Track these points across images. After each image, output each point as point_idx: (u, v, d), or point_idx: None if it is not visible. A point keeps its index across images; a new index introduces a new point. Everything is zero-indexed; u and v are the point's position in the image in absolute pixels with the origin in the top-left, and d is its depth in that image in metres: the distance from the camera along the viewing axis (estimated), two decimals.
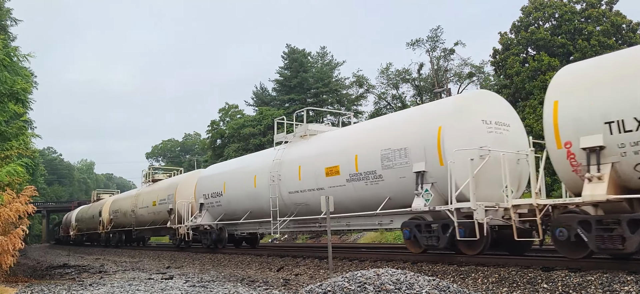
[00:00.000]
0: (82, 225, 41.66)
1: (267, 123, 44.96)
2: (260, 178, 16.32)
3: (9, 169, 10.89)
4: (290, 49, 51.76)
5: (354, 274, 6.21)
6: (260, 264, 14.07)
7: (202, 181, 20.71)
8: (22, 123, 13.92)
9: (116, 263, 18.30)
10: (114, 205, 33.11)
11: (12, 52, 12.54)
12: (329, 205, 10.84)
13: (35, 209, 11.53)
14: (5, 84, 11.46)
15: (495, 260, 9.71)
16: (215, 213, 19.47)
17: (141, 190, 29.98)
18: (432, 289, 5.80)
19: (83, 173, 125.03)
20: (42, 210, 65.60)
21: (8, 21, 23.89)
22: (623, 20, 31.18)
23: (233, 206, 18.11)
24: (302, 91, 49.34)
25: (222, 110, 55.22)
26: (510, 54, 33.21)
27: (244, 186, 17.27)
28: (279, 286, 9.34)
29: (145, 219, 27.08)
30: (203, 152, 67.00)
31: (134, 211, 28.56)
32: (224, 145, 49.09)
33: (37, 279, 12.35)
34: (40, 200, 59.30)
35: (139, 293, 8.63)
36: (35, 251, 35.65)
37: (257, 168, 16.84)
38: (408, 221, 11.42)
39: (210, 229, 19.63)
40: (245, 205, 17.40)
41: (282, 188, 15.16)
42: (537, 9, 33.44)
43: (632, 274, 7.07)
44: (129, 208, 29.47)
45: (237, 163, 19.84)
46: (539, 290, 7.44)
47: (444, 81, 39.09)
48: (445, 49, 41.83)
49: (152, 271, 13.45)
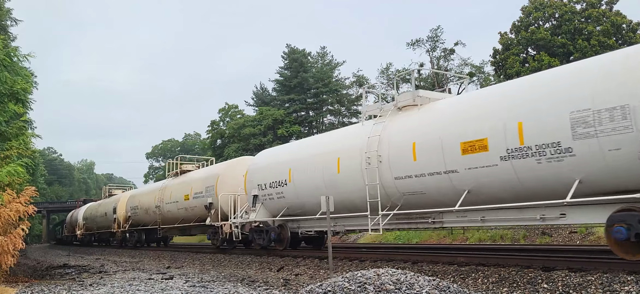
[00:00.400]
0: (91, 224, 38.42)
1: (267, 123, 44.98)
2: (347, 161, 12.83)
3: (9, 169, 10.89)
4: (290, 48, 51.78)
5: (354, 274, 6.21)
6: (261, 264, 14.08)
7: (256, 169, 17.04)
8: (22, 123, 13.91)
9: (116, 263, 18.31)
10: (133, 200, 29.25)
11: (12, 52, 12.54)
12: (329, 204, 10.83)
13: (35, 210, 11.52)
14: (5, 84, 11.47)
15: (496, 260, 9.72)
16: (274, 207, 15.95)
17: (168, 182, 25.45)
18: (432, 289, 5.80)
19: (83, 173, 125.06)
20: (42, 210, 65.56)
21: (8, 21, 23.92)
22: (623, 20, 31.16)
23: (302, 198, 14.53)
24: (302, 91, 49.35)
25: (222, 110, 55.26)
26: (510, 54, 33.21)
27: (321, 173, 13.69)
28: (279, 286, 9.34)
29: (174, 216, 23.46)
30: (203, 152, 66.97)
31: (159, 207, 24.76)
32: (224, 145, 49.13)
33: (37, 279, 12.35)
34: (41, 200, 58.84)
35: (139, 293, 8.63)
36: (36, 251, 35.65)
37: (342, 148, 13.29)
38: (624, 214, 7.85)
39: (268, 227, 16.35)
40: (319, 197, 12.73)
41: (384, 172, 11.62)
42: (537, 9, 33.43)
43: (632, 275, 7.07)
44: (152, 204, 25.67)
45: (309, 144, 16.12)
46: (539, 290, 7.44)
47: (444, 81, 39.10)
48: (446, 49, 41.89)
49: (152, 271, 13.45)
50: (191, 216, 21.98)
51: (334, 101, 49.86)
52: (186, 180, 23.37)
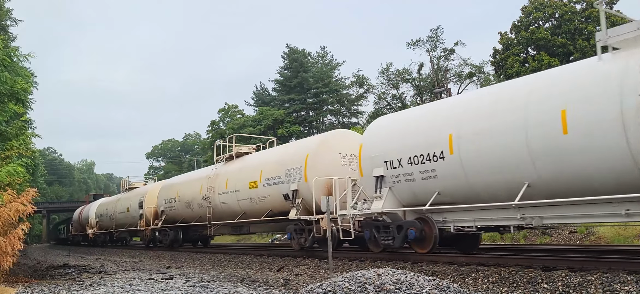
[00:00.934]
0: (106, 222, 33.80)
1: (267, 123, 45.03)
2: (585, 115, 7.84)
3: (9, 169, 10.90)
4: (290, 49, 51.84)
5: (354, 274, 6.21)
6: (261, 264, 14.07)
7: (380, 139, 11.96)
8: (22, 123, 13.93)
9: (116, 263, 18.31)
10: (167, 192, 23.85)
11: (13, 52, 12.55)
12: (328, 205, 10.83)
13: (34, 208, 11.51)
14: (5, 84, 11.47)
15: (496, 260, 9.71)
16: (412, 193, 11.04)
17: (219, 168, 19.82)
18: (433, 289, 5.80)
19: (83, 173, 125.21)
20: (42, 210, 65.58)
21: (8, 21, 23.96)
22: (623, 20, 31.16)
23: (477, 178, 9.64)
24: (302, 91, 49.41)
25: (222, 110, 55.30)
26: (510, 54, 33.23)
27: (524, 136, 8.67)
28: (279, 286, 9.34)
29: (232, 209, 18.09)
30: (203, 152, 67.02)
31: (208, 198, 19.38)
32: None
33: (37, 279, 12.35)
34: (41, 200, 58.55)
35: (139, 293, 8.63)
36: (36, 251, 35.66)
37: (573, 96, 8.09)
38: None
39: (399, 220, 11.49)
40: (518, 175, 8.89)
41: None
42: (537, 8, 33.46)
43: (632, 274, 7.07)
44: (198, 196, 20.31)
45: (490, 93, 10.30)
46: (539, 290, 7.43)
47: (444, 81, 39.11)
48: (446, 49, 41.95)
49: (152, 271, 13.45)
50: (259, 209, 16.74)
51: (334, 101, 49.90)
52: (249, 163, 17.97)
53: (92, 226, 36.52)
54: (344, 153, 14.68)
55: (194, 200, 20.78)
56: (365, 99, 50.36)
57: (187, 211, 21.67)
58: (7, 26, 24.09)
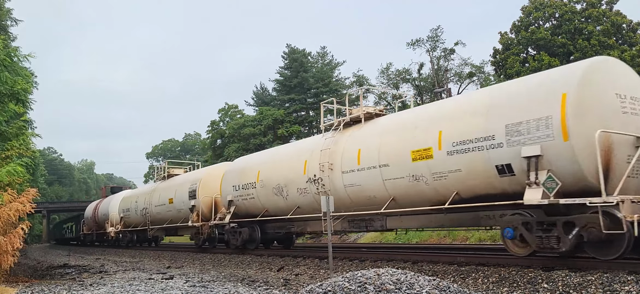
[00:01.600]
0: (136, 218, 28.05)
1: (267, 123, 44.98)
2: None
3: (9, 169, 10.90)
4: (290, 48, 51.80)
5: (355, 274, 6.21)
6: (261, 264, 14.06)
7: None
8: (22, 123, 13.93)
9: (116, 263, 18.30)
10: (240, 175, 17.53)
11: (13, 52, 12.55)
12: (328, 205, 10.84)
13: (33, 206, 11.48)
14: (5, 84, 11.47)
15: (496, 260, 9.71)
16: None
17: (338, 136, 14.01)
18: (433, 289, 5.80)
19: (83, 173, 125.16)
20: (42, 210, 65.56)
21: (8, 21, 23.96)
22: (623, 20, 31.14)
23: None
24: (302, 91, 49.37)
25: (222, 110, 55.23)
26: (510, 54, 33.19)
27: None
28: (280, 286, 9.34)
29: (369, 196, 12.14)
30: (203, 152, 66.98)
31: (318, 180, 13.57)
32: (224, 145, 49.11)
33: (37, 279, 12.35)
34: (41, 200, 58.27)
35: (139, 293, 8.64)
36: (36, 251, 35.66)
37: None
38: None
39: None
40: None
41: None
42: (537, 8, 33.42)
43: (632, 274, 7.07)
44: (299, 178, 14.43)
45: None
46: (540, 290, 7.43)
47: (444, 81, 39.10)
48: (446, 49, 41.91)
49: (152, 271, 13.45)
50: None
51: None
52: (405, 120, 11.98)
53: (114, 224, 31.04)
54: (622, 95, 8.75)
55: (291, 184, 14.73)
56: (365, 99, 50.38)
57: (275, 200, 15.53)
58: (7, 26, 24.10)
